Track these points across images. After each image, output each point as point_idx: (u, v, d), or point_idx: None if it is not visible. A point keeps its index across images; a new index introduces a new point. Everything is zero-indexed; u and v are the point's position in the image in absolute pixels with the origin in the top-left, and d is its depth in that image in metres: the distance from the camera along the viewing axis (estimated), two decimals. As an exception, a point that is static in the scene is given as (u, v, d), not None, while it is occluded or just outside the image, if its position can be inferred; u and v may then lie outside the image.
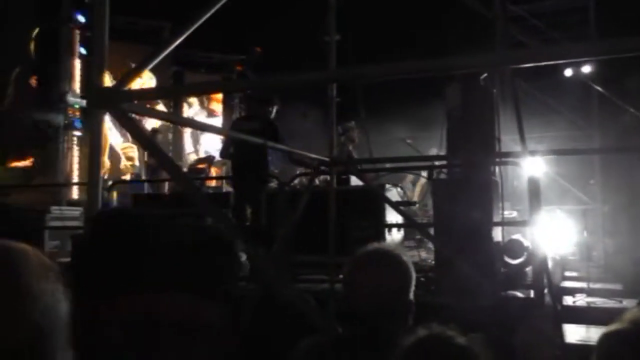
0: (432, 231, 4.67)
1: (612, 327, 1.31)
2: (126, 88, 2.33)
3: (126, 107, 2.14)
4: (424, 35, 9.34)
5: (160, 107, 11.72)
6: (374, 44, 8.74)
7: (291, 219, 4.26)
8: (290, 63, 10.65)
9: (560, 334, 4.33)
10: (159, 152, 2.66)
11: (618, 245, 8.28)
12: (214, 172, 9.64)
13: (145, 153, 8.71)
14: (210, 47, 13.32)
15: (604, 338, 1.31)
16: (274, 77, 2.90)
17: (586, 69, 4.86)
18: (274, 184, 5.64)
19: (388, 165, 5.81)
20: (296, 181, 6.27)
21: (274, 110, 5.65)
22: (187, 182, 2.56)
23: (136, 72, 2.58)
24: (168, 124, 11.71)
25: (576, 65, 5.07)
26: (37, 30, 10.97)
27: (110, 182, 7.67)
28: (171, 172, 2.47)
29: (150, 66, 2.57)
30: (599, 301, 5.37)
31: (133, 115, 2.51)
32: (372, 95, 8.40)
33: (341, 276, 1.64)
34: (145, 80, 11.79)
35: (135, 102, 2.42)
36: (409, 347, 1.13)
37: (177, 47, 2.56)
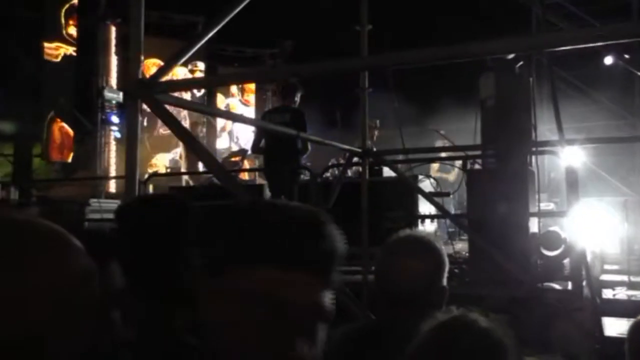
0: (465, 222, 4.62)
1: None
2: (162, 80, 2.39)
3: (161, 98, 2.20)
4: (459, 23, 9.20)
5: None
6: (406, 33, 8.66)
7: (324, 208, 4.25)
8: (322, 56, 10.66)
9: (599, 327, 4.25)
10: (196, 144, 2.71)
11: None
12: (247, 165, 9.75)
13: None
14: (242, 41, 13.43)
15: (635, 325, 1.30)
16: (307, 65, 2.91)
17: (627, 55, 4.72)
18: (306, 175, 5.68)
19: (420, 155, 5.77)
20: (328, 172, 6.29)
21: (299, 97, 5.69)
22: (224, 174, 2.60)
23: (170, 65, 2.64)
24: (203, 119, 11.89)
25: (617, 52, 4.92)
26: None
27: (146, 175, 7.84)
28: (208, 164, 2.52)
29: (183, 60, 2.62)
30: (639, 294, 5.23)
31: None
32: (405, 85, 8.35)
33: (373, 267, 1.65)
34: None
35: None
36: (430, 330, 1.12)
37: (209, 41, 2.60)
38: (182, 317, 1.32)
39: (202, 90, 12.77)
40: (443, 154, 6.76)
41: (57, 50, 11.48)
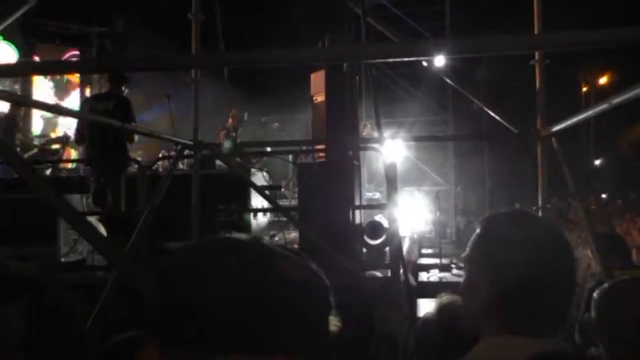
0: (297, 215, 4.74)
1: (426, 314, 1.45)
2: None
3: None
4: (288, 17, 9.33)
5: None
6: (240, 24, 8.60)
7: (153, 204, 4.10)
8: (155, 38, 10.16)
9: (414, 309, 4.65)
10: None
11: (468, 222, 9.04)
12: (71, 153, 8.94)
13: None
14: (67, 16, 12.23)
15: (418, 324, 1.44)
16: (137, 56, 2.74)
17: (440, 60, 5.18)
18: (134, 167, 5.37)
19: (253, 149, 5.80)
20: (158, 164, 6.02)
21: (126, 88, 5.33)
22: (22, 166, 2.34)
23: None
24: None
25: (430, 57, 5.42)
26: None
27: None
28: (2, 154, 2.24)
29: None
30: (449, 275, 5.83)
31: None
32: (240, 76, 8.31)
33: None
34: None
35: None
36: None
37: (27, 15, 2.32)
38: None
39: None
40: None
41: None
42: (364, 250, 4.69)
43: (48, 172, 6.98)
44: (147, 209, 4.04)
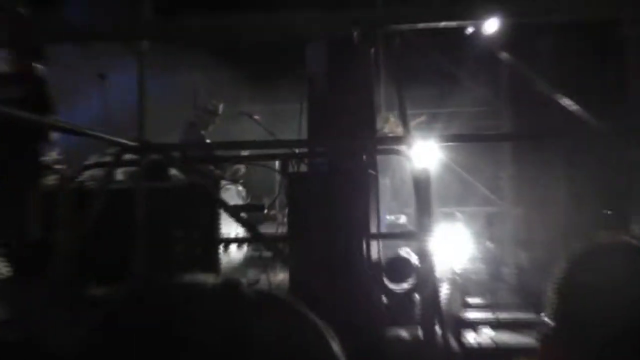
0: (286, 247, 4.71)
1: None
2: None
3: None
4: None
5: None
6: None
7: (78, 232, 4.12)
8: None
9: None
10: None
11: (533, 260, 8.96)
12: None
13: None
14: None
15: None
16: (62, 22, 2.77)
17: (491, 25, 5.10)
18: (53, 178, 5.36)
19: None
20: (88, 174, 6.01)
21: (43, 68, 5.25)
22: None
23: None
24: None
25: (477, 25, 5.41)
26: None
27: None
28: None
29: None
30: (507, 337, 5.75)
31: None
32: (210, 52, 8.33)
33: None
34: None
35: None
36: None
37: None
38: None
39: None
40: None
41: None
42: (384, 298, 4.66)
43: None
44: (70, 238, 4.03)
